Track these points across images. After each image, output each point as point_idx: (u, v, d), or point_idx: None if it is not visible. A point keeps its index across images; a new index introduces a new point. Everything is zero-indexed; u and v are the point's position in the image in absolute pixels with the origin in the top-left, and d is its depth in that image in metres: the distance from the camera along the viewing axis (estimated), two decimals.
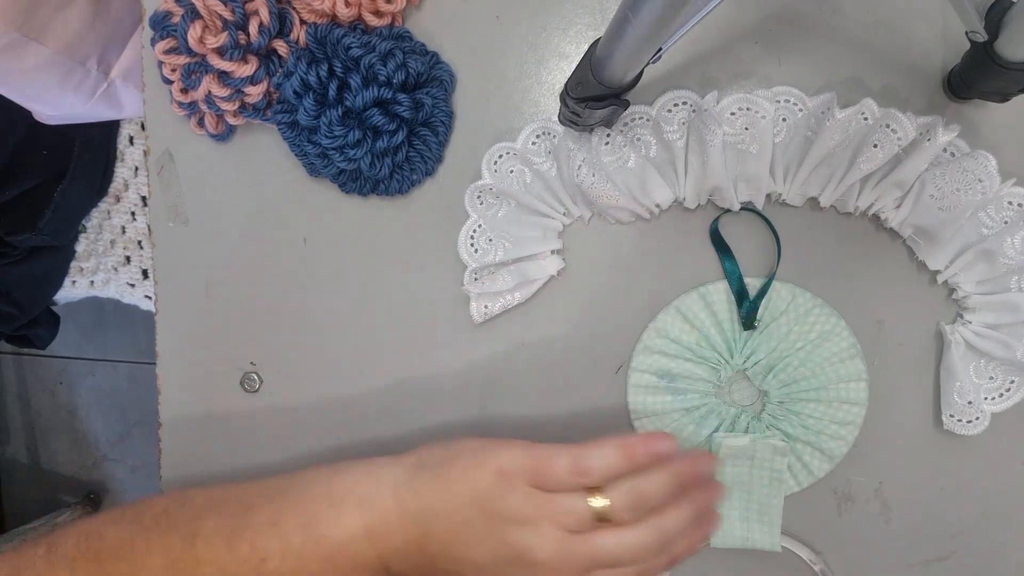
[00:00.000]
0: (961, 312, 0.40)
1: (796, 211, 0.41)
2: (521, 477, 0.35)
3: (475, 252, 0.42)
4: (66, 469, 1.40)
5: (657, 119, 0.40)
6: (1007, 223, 0.38)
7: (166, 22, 0.40)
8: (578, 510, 0.34)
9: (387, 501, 0.36)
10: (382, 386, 0.46)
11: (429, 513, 0.36)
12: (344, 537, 0.36)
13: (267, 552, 0.35)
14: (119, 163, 0.79)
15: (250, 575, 0.35)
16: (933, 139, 0.37)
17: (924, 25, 0.39)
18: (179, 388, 0.47)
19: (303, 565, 0.36)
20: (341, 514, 0.36)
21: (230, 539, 0.36)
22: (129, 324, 1.35)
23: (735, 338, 0.42)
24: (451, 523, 0.35)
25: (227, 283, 0.46)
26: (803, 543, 0.43)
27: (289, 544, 0.36)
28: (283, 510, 0.37)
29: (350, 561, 0.36)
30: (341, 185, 0.43)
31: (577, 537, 0.34)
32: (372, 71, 0.39)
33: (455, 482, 0.36)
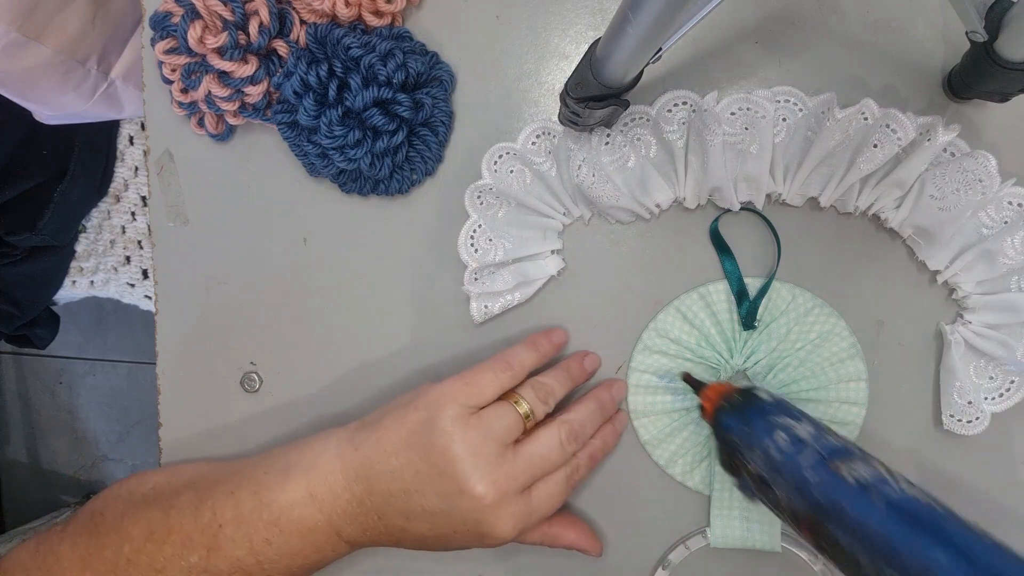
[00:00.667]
0: (961, 312, 0.40)
1: (796, 211, 0.41)
2: (451, 400, 0.37)
3: (475, 252, 0.42)
4: (66, 469, 1.40)
5: (657, 119, 0.40)
6: (1007, 223, 0.38)
7: (166, 22, 0.40)
8: (505, 413, 0.37)
9: (330, 463, 0.38)
10: (382, 386, 0.46)
11: (369, 465, 0.37)
12: (287, 502, 0.37)
13: (224, 518, 0.37)
14: (119, 163, 0.79)
15: (209, 541, 0.37)
16: (933, 139, 0.37)
17: (924, 25, 0.39)
18: (179, 388, 0.47)
19: (253, 530, 0.37)
20: (287, 481, 0.38)
21: (197, 508, 0.38)
22: (129, 324, 1.35)
23: (735, 338, 0.42)
24: (392, 470, 0.36)
25: (227, 283, 0.46)
26: (803, 543, 0.43)
27: (241, 510, 0.37)
28: (241, 480, 0.39)
29: (296, 526, 0.37)
30: (341, 185, 0.43)
31: (510, 451, 0.36)
32: (372, 71, 0.39)
33: (390, 428, 0.37)
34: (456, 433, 0.35)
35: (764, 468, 0.32)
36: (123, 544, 0.38)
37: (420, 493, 0.36)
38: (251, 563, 0.37)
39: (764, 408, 0.34)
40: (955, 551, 0.26)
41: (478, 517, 0.35)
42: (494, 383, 0.38)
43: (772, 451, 0.31)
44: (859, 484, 0.28)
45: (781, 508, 0.31)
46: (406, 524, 0.37)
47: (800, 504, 0.30)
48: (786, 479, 0.31)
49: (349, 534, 0.38)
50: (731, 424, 0.35)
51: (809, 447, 0.31)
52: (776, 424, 0.32)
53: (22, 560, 0.40)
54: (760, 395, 0.35)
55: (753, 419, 0.33)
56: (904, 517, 0.27)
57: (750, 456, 0.32)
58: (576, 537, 0.41)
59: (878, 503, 0.28)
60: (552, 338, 0.42)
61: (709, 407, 0.37)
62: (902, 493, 0.28)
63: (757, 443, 0.32)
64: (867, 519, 0.27)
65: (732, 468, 0.35)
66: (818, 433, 0.32)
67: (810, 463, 0.30)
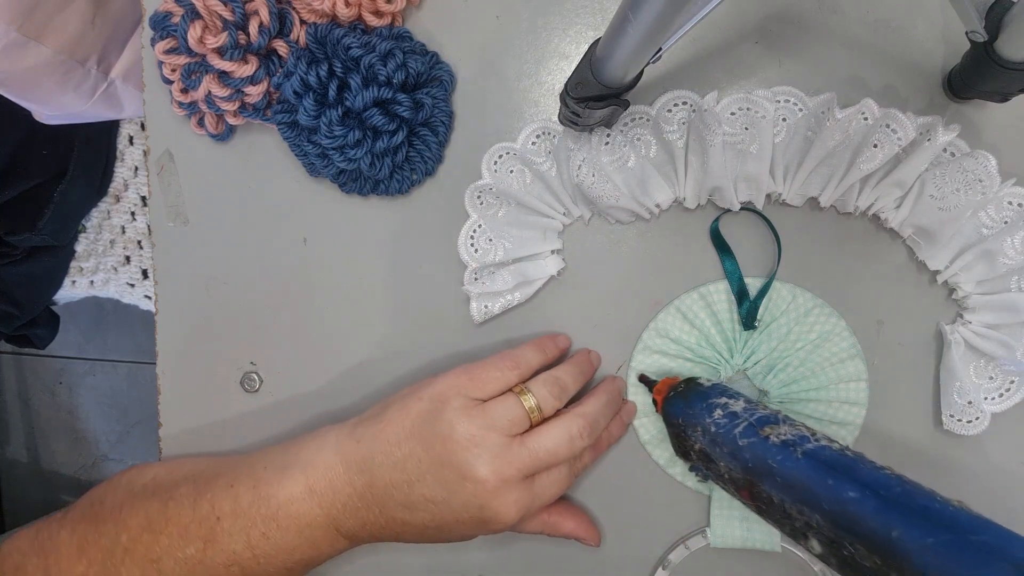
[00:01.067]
0: (961, 312, 0.40)
1: (796, 211, 0.41)
2: (455, 392, 0.37)
3: (475, 252, 0.42)
4: (66, 469, 1.40)
5: (657, 119, 0.40)
6: (1007, 223, 0.38)
7: (166, 22, 0.40)
8: (511, 406, 0.37)
9: (329, 458, 0.38)
10: (382, 386, 0.46)
11: (371, 458, 0.37)
12: (285, 497, 0.37)
13: (222, 511, 0.38)
14: (119, 163, 0.79)
15: (206, 534, 0.37)
16: (933, 139, 0.37)
17: (924, 25, 0.39)
18: (179, 388, 0.47)
19: (250, 524, 0.37)
20: (285, 477, 0.38)
21: (195, 500, 0.38)
22: (129, 324, 1.35)
23: (735, 338, 0.42)
24: (394, 461, 0.36)
25: (227, 283, 0.46)
26: None
27: (239, 504, 0.38)
28: (240, 475, 0.39)
29: (294, 521, 0.37)
30: (341, 185, 0.43)
31: (515, 442, 0.36)
32: (372, 71, 0.39)
33: (392, 420, 0.37)
34: (459, 423, 0.36)
35: (706, 443, 0.35)
36: (120, 533, 0.38)
37: (422, 483, 0.36)
38: (247, 557, 0.37)
39: (704, 392, 0.37)
40: (864, 487, 0.28)
41: (481, 503, 0.35)
42: (499, 379, 0.38)
43: (711, 426, 0.35)
44: (783, 443, 0.32)
45: (724, 479, 0.35)
46: (408, 516, 0.37)
47: (737, 469, 0.33)
48: (723, 449, 0.34)
49: (348, 529, 0.38)
50: (677, 409, 0.38)
51: (741, 418, 0.34)
52: (715, 404, 0.36)
53: (20, 545, 0.40)
54: (701, 382, 0.39)
55: (695, 402, 0.37)
56: (819, 464, 0.30)
57: (694, 435, 0.36)
58: (575, 526, 0.41)
59: (797, 455, 0.31)
60: (558, 342, 0.42)
61: (659, 399, 0.40)
62: (817, 444, 0.31)
63: (699, 421, 0.36)
64: (789, 470, 0.31)
65: (683, 452, 0.38)
66: (750, 407, 0.35)
67: (742, 431, 0.34)
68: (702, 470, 0.37)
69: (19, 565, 0.39)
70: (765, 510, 0.32)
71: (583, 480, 0.45)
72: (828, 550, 0.29)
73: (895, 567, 0.26)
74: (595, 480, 0.44)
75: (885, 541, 0.26)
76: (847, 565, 0.28)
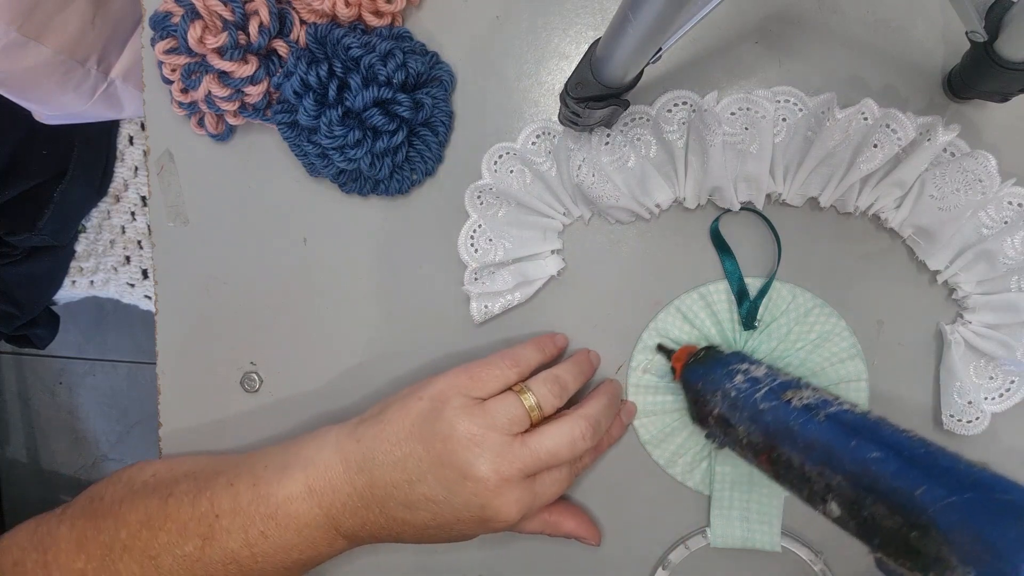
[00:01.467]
0: (961, 312, 0.40)
1: (796, 211, 0.41)
2: (456, 391, 0.37)
3: (475, 252, 0.42)
4: (66, 469, 1.40)
5: (657, 119, 0.40)
6: (1007, 223, 0.38)
7: (166, 22, 0.40)
8: (511, 405, 0.37)
9: (329, 458, 0.38)
10: (382, 386, 0.46)
11: (371, 457, 0.37)
12: (285, 496, 0.37)
13: (221, 509, 0.38)
14: (119, 163, 0.79)
15: (205, 531, 0.37)
16: (933, 139, 0.37)
17: (924, 25, 0.39)
18: (179, 388, 0.47)
19: (249, 522, 0.37)
20: (285, 476, 0.38)
21: (195, 498, 0.38)
22: (129, 324, 1.35)
23: (735, 338, 0.42)
24: (394, 460, 0.36)
25: (227, 283, 0.46)
26: (803, 543, 0.43)
27: (238, 502, 0.38)
28: (240, 473, 0.39)
29: (293, 520, 0.37)
30: (341, 185, 0.43)
31: (516, 441, 0.36)
32: (372, 71, 0.39)
33: (392, 420, 0.37)
34: (459, 422, 0.36)
35: (725, 408, 0.35)
36: (119, 529, 0.38)
37: (423, 482, 0.36)
38: (245, 555, 0.37)
39: (724, 358, 0.38)
40: (888, 448, 0.28)
41: (481, 502, 0.35)
42: (499, 378, 0.38)
43: (731, 391, 0.35)
44: (804, 407, 0.32)
45: (742, 444, 0.35)
46: (408, 515, 0.37)
47: (756, 433, 0.33)
48: (743, 413, 0.34)
49: (348, 528, 0.38)
50: (697, 375, 0.38)
51: (763, 383, 0.34)
52: (736, 369, 0.36)
53: (19, 540, 0.40)
54: (720, 349, 0.39)
55: (715, 368, 0.37)
56: (842, 426, 0.30)
57: (713, 400, 0.36)
58: (576, 526, 0.41)
59: (819, 418, 0.31)
60: (557, 341, 0.42)
61: (678, 366, 0.40)
62: (839, 408, 0.31)
63: (719, 386, 0.36)
64: (811, 432, 0.31)
65: (700, 419, 0.38)
66: (772, 373, 0.36)
67: (763, 396, 0.34)
68: (719, 436, 0.37)
69: (18, 560, 0.39)
70: (783, 474, 0.32)
71: (583, 480, 0.45)
72: (847, 512, 0.29)
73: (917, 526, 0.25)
74: (595, 480, 0.45)
75: (908, 500, 0.26)
76: (866, 527, 0.28)
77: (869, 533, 0.28)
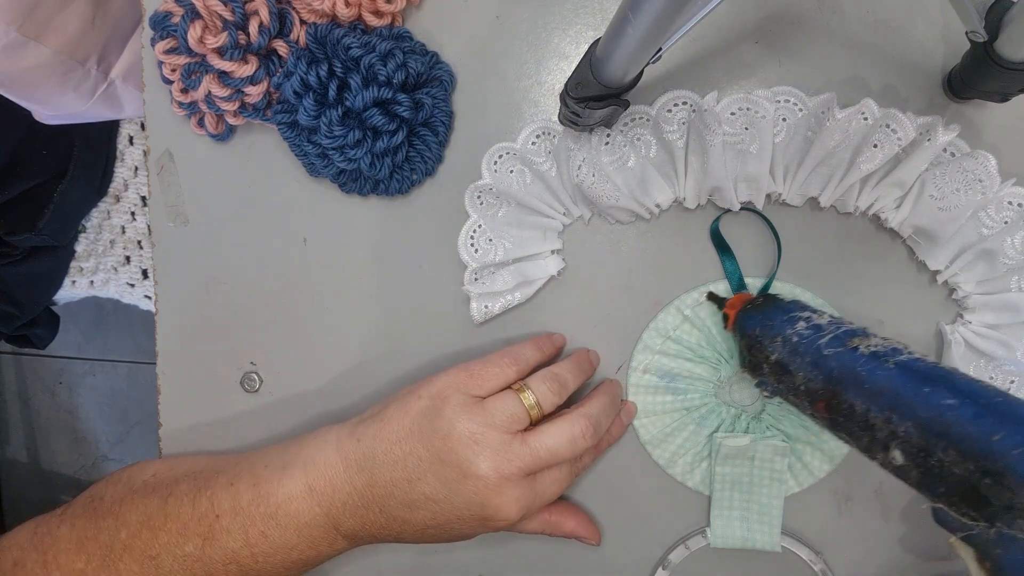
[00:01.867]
0: (961, 312, 0.40)
1: (796, 211, 0.41)
2: (455, 389, 0.37)
3: (475, 252, 0.42)
4: (66, 469, 1.40)
5: (657, 119, 0.40)
6: (1007, 223, 0.38)
7: (166, 22, 0.40)
8: (511, 403, 0.37)
9: (330, 457, 0.38)
10: (382, 386, 0.46)
11: (371, 456, 0.37)
12: (285, 495, 0.37)
13: (221, 509, 0.38)
14: (119, 163, 0.79)
15: (205, 531, 0.37)
16: (933, 139, 0.37)
17: (924, 25, 0.39)
18: (179, 388, 0.47)
19: (249, 522, 0.37)
20: (285, 475, 0.38)
21: (195, 497, 0.38)
22: (129, 324, 1.35)
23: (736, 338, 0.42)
24: (394, 459, 0.36)
25: (227, 283, 0.46)
26: (803, 543, 0.43)
27: (238, 502, 0.38)
28: (240, 472, 0.39)
29: (293, 520, 0.37)
30: (341, 185, 0.43)
31: (516, 440, 0.36)
32: (372, 71, 0.39)
33: (392, 419, 0.37)
34: (459, 420, 0.36)
35: (784, 353, 0.35)
36: (120, 529, 0.38)
37: (423, 481, 0.36)
38: (246, 555, 0.37)
39: (784, 306, 0.37)
40: (963, 395, 0.28)
41: (482, 500, 0.35)
42: (499, 376, 0.38)
43: (793, 337, 0.34)
44: (872, 353, 0.31)
45: (799, 392, 0.34)
46: (408, 515, 0.37)
47: (817, 379, 0.33)
48: (805, 359, 0.33)
49: (348, 528, 0.38)
50: (754, 321, 0.37)
51: (826, 331, 0.34)
52: (797, 316, 0.35)
53: (19, 541, 0.40)
54: (781, 297, 0.38)
55: (774, 314, 0.37)
56: (913, 373, 0.30)
57: (771, 346, 0.35)
58: (576, 526, 0.41)
59: (889, 365, 0.30)
60: (555, 341, 0.42)
61: (732, 313, 0.39)
62: (910, 356, 0.31)
63: (780, 332, 0.35)
64: (880, 379, 0.30)
65: (752, 367, 0.38)
66: (836, 321, 0.35)
67: (827, 342, 0.33)
68: (771, 385, 0.36)
69: (18, 560, 0.39)
70: (842, 423, 0.32)
71: (583, 480, 0.45)
72: (912, 461, 0.28)
73: (991, 472, 0.25)
74: (595, 480, 0.45)
75: (984, 446, 0.26)
76: (931, 475, 0.28)
77: (934, 481, 0.27)
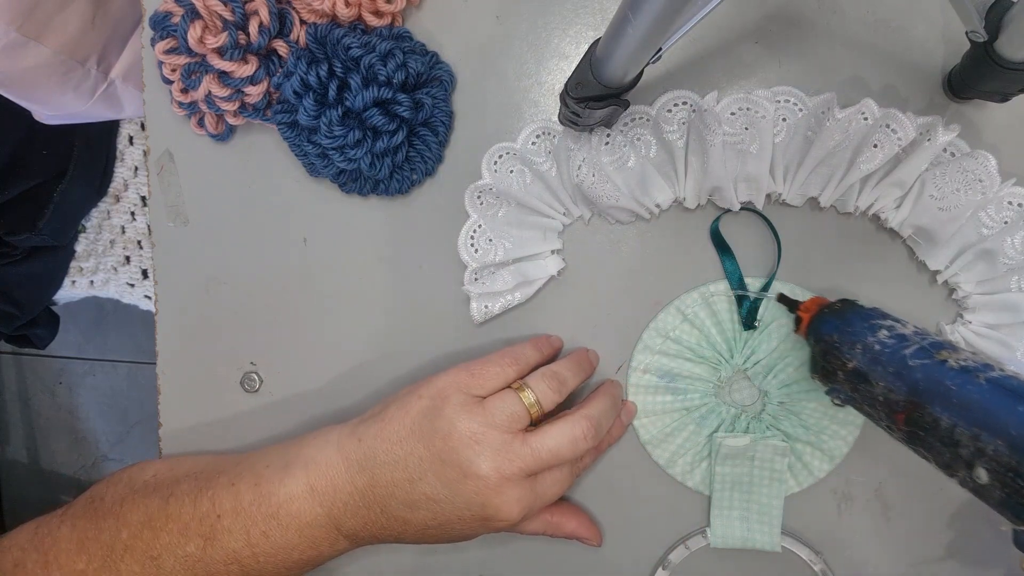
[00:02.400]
0: (961, 312, 0.40)
1: (796, 211, 0.41)
2: (456, 389, 0.37)
3: (475, 252, 0.42)
4: (66, 469, 1.40)
5: (657, 119, 0.40)
6: (1007, 223, 0.38)
7: (166, 22, 0.40)
8: (511, 402, 0.37)
9: (331, 457, 0.38)
10: (382, 386, 0.46)
11: (373, 456, 0.37)
12: (286, 496, 0.37)
13: (222, 509, 0.38)
14: (119, 163, 0.79)
15: (207, 531, 0.37)
16: (933, 139, 0.37)
17: (924, 25, 0.39)
18: (179, 388, 0.47)
19: (251, 522, 0.37)
20: (287, 475, 0.38)
21: (196, 497, 0.38)
22: (129, 324, 1.35)
23: (736, 338, 0.42)
24: (395, 459, 0.36)
25: (227, 283, 0.46)
26: (803, 543, 0.43)
27: (240, 502, 0.38)
28: (242, 472, 0.39)
29: (294, 520, 0.37)
30: (341, 185, 0.43)
31: (517, 440, 0.36)
32: (372, 71, 0.39)
33: (393, 419, 0.37)
34: (460, 420, 0.36)
35: (864, 362, 0.33)
36: (121, 529, 0.38)
37: (424, 481, 0.36)
38: (247, 555, 0.37)
39: (865, 312, 0.36)
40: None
41: (483, 500, 0.35)
42: (499, 375, 0.38)
43: (874, 345, 0.33)
44: (961, 368, 0.30)
45: (877, 401, 0.33)
46: (409, 515, 0.37)
47: (900, 390, 0.32)
48: (887, 368, 0.32)
49: (349, 528, 0.38)
50: (831, 327, 0.36)
51: (912, 341, 0.33)
52: (879, 324, 0.34)
53: (20, 541, 0.40)
54: (860, 303, 0.37)
55: (854, 320, 0.35)
56: (1007, 391, 0.28)
57: (850, 353, 0.34)
58: (577, 527, 0.41)
59: (980, 381, 0.29)
60: (552, 342, 0.42)
61: (807, 317, 0.38)
62: (1002, 373, 0.30)
63: (861, 339, 0.34)
64: (970, 394, 0.29)
65: (825, 373, 0.37)
66: (921, 332, 0.34)
67: (913, 352, 0.32)
68: (844, 393, 0.35)
69: (19, 561, 0.39)
70: (922, 437, 0.31)
71: (583, 480, 0.45)
72: (997, 480, 0.28)
73: None
74: (595, 480, 0.45)
75: None
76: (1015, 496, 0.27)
77: (1019, 503, 0.27)
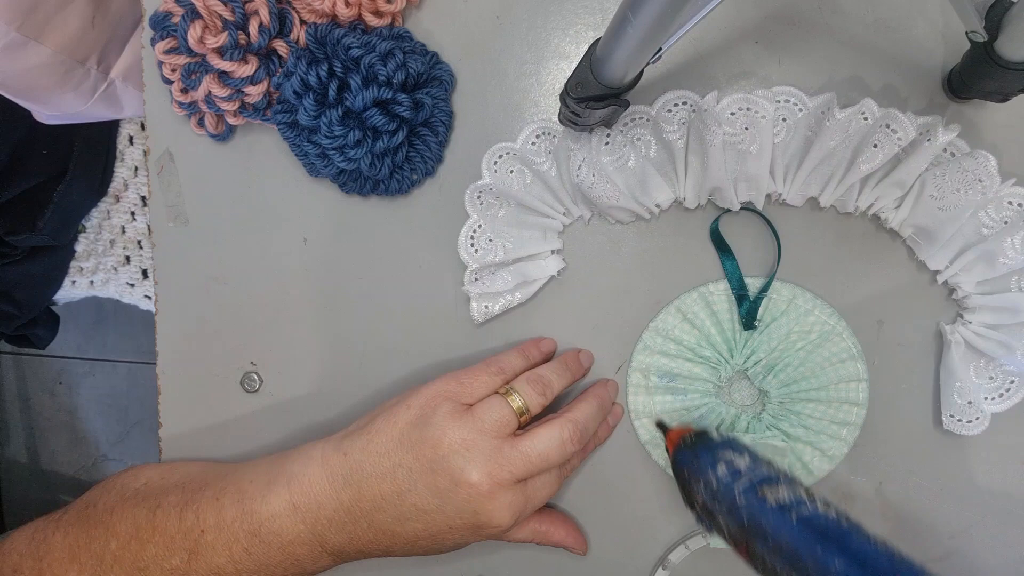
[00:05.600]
0: (961, 312, 0.40)
1: (796, 211, 0.41)
2: (444, 398, 0.37)
3: (475, 252, 0.42)
4: (66, 469, 1.40)
5: (657, 119, 0.40)
6: (1007, 223, 0.38)
7: (166, 22, 0.40)
8: (499, 407, 0.37)
9: (314, 473, 0.37)
10: (382, 386, 0.46)
11: (359, 470, 0.37)
12: (268, 513, 0.37)
13: (206, 524, 0.37)
14: (119, 163, 0.79)
15: (191, 546, 0.37)
16: (933, 139, 0.37)
17: (924, 25, 0.39)
18: (179, 388, 0.47)
19: (233, 539, 0.37)
20: (269, 492, 0.37)
21: (182, 511, 0.38)
22: (129, 324, 1.35)
23: (735, 338, 0.42)
24: (383, 472, 0.36)
25: (227, 283, 0.46)
26: None
27: (223, 517, 0.37)
28: (226, 487, 0.39)
29: (276, 537, 0.37)
30: (341, 185, 0.43)
31: (506, 445, 0.36)
32: (372, 71, 0.39)
33: (380, 431, 0.37)
34: (449, 428, 0.36)
35: (707, 497, 0.35)
36: (110, 539, 0.38)
37: (413, 492, 0.36)
38: (230, 571, 0.37)
39: (712, 444, 0.37)
40: (851, 558, 0.28)
41: (475, 507, 0.35)
42: (487, 384, 0.38)
43: (713, 481, 0.34)
44: (779, 505, 0.32)
45: (724, 534, 0.34)
46: (399, 527, 0.37)
47: (734, 527, 0.33)
48: (723, 505, 0.33)
49: (334, 544, 0.38)
50: (685, 460, 0.37)
51: (743, 476, 0.34)
52: (720, 457, 0.35)
53: (18, 546, 0.40)
54: (711, 434, 0.38)
55: (701, 454, 0.36)
56: (812, 531, 0.30)
57: (697, 487, 0.35)
58: (565, 535, 0.42)
59: (792, 520, 0.31)
60: (541, 347, 0.42)
61: (671, 447, 0.39)
62: (813, 511, 0.31)
63: (703, 474, 0.35)
64: (782, 534, 0.30)
65: (689, 503, 0.38)
66: (754, 464, 0.35)
67: (742, 489, 0.33)
68: (707, 522, 0.36)
69: (16, 566, 0.39)
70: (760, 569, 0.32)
71: (583, 480, 0.45)
72: None
73: None
74: (595, 480, 0.44)
75: None
76: None
77: None
